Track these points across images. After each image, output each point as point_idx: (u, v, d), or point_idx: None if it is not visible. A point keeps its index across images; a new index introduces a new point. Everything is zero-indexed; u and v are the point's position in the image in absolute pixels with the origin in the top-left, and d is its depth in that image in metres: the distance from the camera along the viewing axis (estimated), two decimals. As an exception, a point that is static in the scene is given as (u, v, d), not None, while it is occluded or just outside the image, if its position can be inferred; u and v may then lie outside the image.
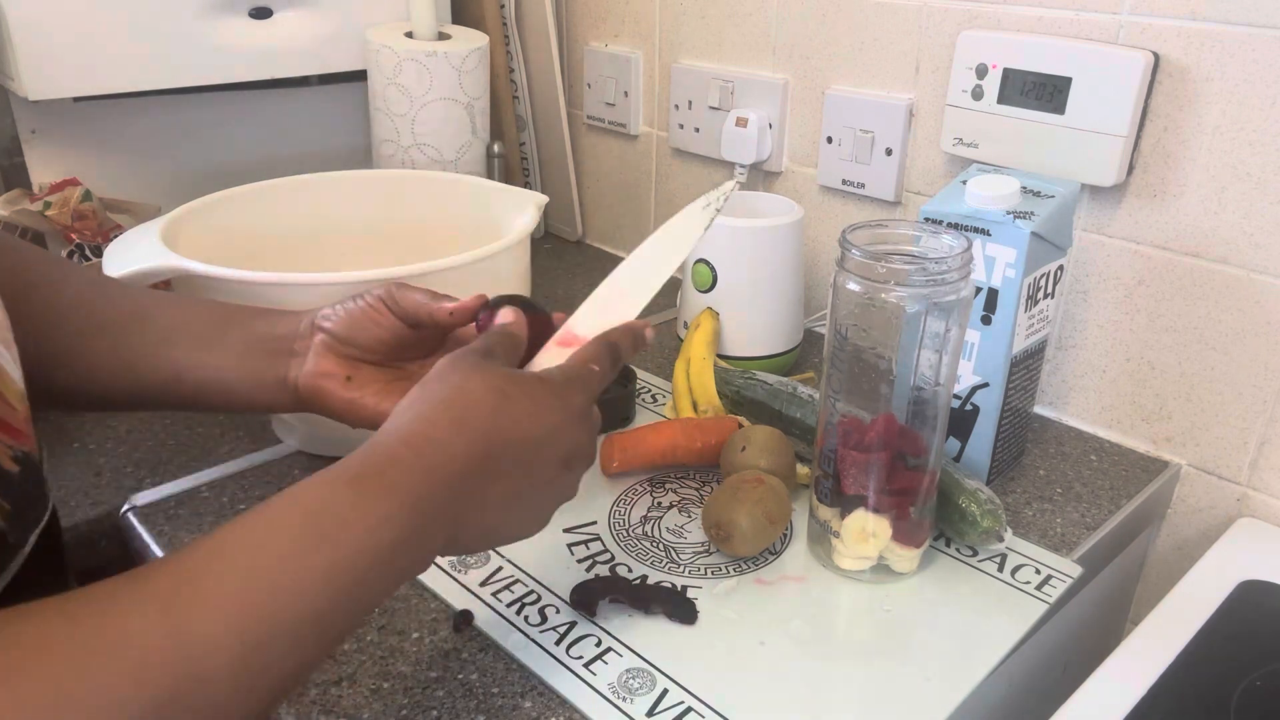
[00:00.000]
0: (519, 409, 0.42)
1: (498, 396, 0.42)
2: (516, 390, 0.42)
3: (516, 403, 0.42)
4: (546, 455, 0.43)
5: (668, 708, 0.50)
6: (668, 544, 0.63)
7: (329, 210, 0.83)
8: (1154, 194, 0.71)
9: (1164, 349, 0.73)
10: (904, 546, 0.59)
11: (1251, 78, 0.64)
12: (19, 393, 0.41)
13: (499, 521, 0.44)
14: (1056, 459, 0.75)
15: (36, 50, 0.84)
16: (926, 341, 0.54)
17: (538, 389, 0.43)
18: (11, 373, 0.41)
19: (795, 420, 0.71)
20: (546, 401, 0.43)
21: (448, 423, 0.40)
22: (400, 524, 0.38)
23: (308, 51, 0.99)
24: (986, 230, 0.62)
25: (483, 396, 0.42)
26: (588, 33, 1.12)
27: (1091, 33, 0.70)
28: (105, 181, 0.98)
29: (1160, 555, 0.78)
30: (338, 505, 0.37)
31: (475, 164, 1.04)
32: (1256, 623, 0.60)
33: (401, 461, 0.39)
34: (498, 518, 0.43)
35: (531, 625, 0.56)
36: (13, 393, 0.41)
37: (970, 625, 0.56)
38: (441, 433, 0.40)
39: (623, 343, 0.50)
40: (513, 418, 0.41)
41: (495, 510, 0.43)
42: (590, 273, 1.12)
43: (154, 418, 0.77)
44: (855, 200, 0.90)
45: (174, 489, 0.68)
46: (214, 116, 1.06)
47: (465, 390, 0.42)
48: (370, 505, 0.38)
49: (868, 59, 0.85)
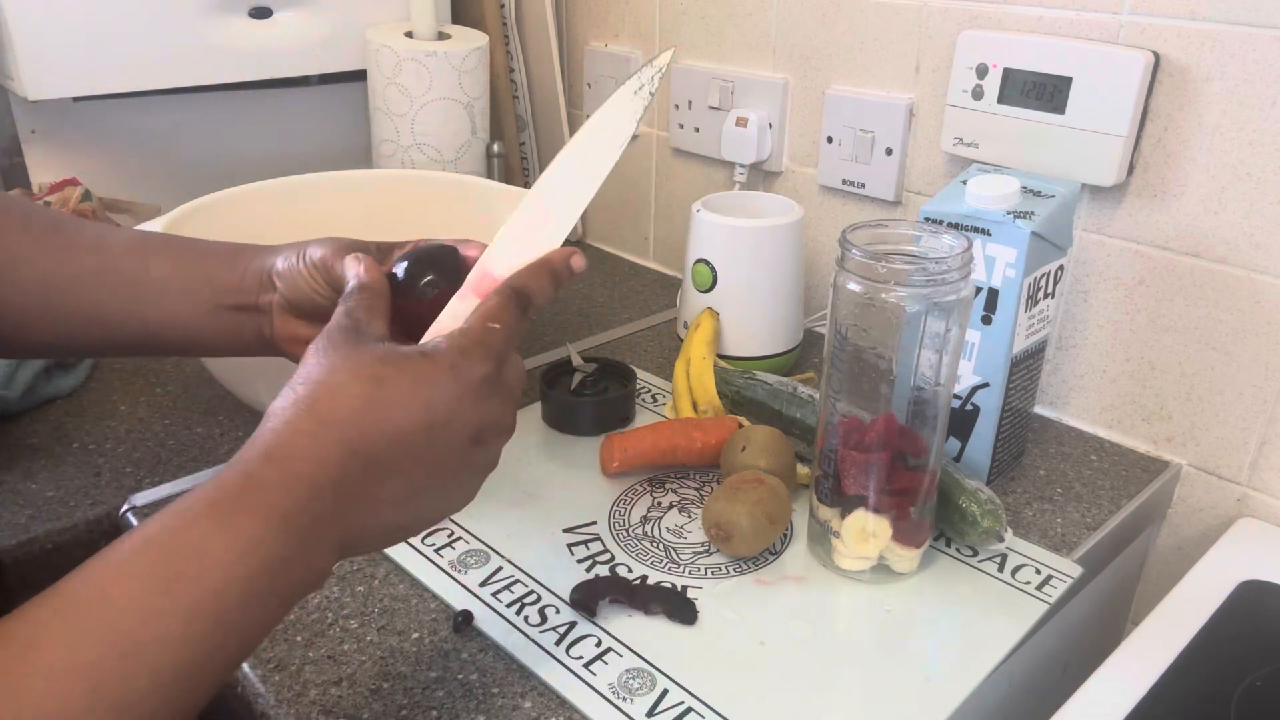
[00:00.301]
0: (397, 396, 0.37)
1: (369, 385, 0.37)
2: (393, 373, 0.37)
3: (393, 389, 0.37)
4: (445, 439, 0.38)
5: (668, 708, 0.50)
6: (668, 544, 0.63)
7: (329, 210, 0.83)
8: (1154, 194, 0.71)
9: (1164, 349, 0.73)
10: (904, 546, 0.59)
11: (1251, 78, 0.64)
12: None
13: (405, 517, 0.40)
14: (1057, 459, 0.75)
15: (36, 50, 0.84)
16: (926, 341, 0.54)
17: (421, 368, 0.38)
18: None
19: (795, 420, 0.71)
20: (433, 381, 0.38)
21: (312, 426, 0.36)
22: (271, 545, 0.34)
23: (308, 51, 1.00)
24: (987, 230, 0.62)
25: (350, 388, 0.37)
26: (588, 33, 1.12)
27: (1092, 33, 0.70)
28: (105, 181, 0.98)
29: (1160, 555, 0.78)
30: (193, 538, 0.33)
31: (475, 164, 1.04)
32: (1256, 623, 0.60)
33: (262, 479, 0.35)
34: (401, 514, 0.39)
35: (531, 625, 0.56)
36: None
37: (970, 625, 0.56)
38: (304, 440, 0.36)
39: (534, 285, 0.44)
40: (391, 408, 0.37)
41: (394, 508, 0.38)
42: (590, 273, 1.12)
43: (153, 417, 0.77)
44: (855, 200, 0.90)
45: (174, 489, 0.68)
46: (214, 116, 1.06)
47: (330, 385, 0.37)
48: (231, 532, 0.34)
49: (868, 59, 0.85)
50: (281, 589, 0.35)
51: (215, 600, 0.33)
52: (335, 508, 0.36)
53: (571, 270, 0.46)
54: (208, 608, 0.33)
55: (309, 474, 0.35)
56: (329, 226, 0.82)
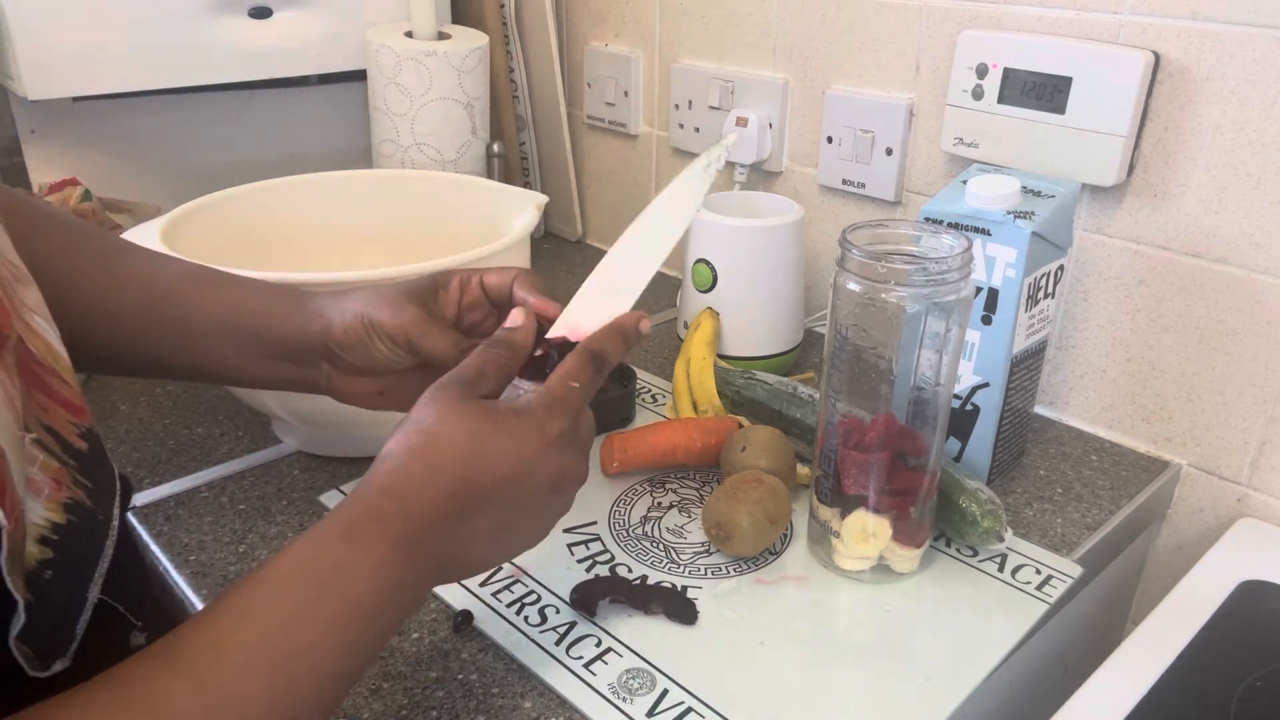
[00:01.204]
0: (493, 449, 0.42)
1: (470, 440, 0.41)
2: (489, 430, 0.42)
3: (490, 443, 0.42)
4: (531, 487, 0.43)
5: (668, 708, 0.50)
6: (668, 544, 0.63)
7: (329, 210, 0.83)
8: (1154, 194, 0.71)
9: (1164, 349, 0.73)
10: (904, 546, 0.59)
11: (1251, 78, 0.64)
12: (68, 367, 0.41)
13: (490, 552, 0.44)
14: (1057, 459, 0.75)
15: (36, 50, 0.84)
16: (926, 341, 0.54)
17: (513, 425, 0.42)
18: (60, 349, 0.41)
19: (795, 420, 0.71)
20: (522, 437, 0.42)
21: (422, 471, 0.41)
22: (393, 568, 0.39)
23: (308, 51, 0.99)
24: (987, 230, 0.62)
25: (454, 440, 0.41)
26: (588, 33, 1.12)
27: (1092, 32, 0.70)
28: (105, 181, 0.98)
29: (1160, 555, 0.78)
30: (336, 557, 0.38)
31: (475, 164, 1.04)
32: (1256, 623, 0.60)
33: (383, 512, 0.40)
34: (488, 549, 0.44)
35: (531, 625, 0.56)
36: (64, 368, 0.40)
37: (970, 625, 0.56)
38: (415, 482, 0.41)
39: (608, 346, 0.48)
40: (487, 460, 0.41)
41: (483, 544, 0.43)
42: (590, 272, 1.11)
43: (153, 417, 0.77)
44: (855, 200, 0.90)
45: (174, 489, 0.68)
46: (214, 116, 1.06)
47: (437, 435, 0.41)
48: (365, 554, 0.39)
49: (868, 59, 0.85)
50: (396, 612, 0.40)
51: (356, 613, 0.38)
52: (438, 541, 0.41)
53: (640, 332, 0.50)
54: (352, 619, 0.38)
55: (419, 512, 0.40)
56: (329, 226, 0.82)
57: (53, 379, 0.39)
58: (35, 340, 0.39)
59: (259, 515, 0.66)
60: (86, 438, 0.40)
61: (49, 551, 0.34)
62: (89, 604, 0.38)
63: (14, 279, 0.39)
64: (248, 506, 0.67)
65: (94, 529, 0.38)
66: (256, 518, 0.65)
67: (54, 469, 0.36)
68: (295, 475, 0.70)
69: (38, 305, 0.41)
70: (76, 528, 0.36)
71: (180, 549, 0.62)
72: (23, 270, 0.41)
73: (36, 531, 0.34)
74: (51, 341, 0.40)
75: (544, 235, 1.25)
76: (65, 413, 0.39)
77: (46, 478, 0.36)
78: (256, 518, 0.65)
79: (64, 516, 0.36)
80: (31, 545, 0.34)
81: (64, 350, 0.41)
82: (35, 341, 0.39)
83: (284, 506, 0.67)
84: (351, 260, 0.81)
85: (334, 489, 0.68)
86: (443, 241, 0.76)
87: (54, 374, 0.39)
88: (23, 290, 0.40)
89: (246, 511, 0.66)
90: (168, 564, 0.61)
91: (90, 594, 0.38)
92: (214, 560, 0.61)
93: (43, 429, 0.37)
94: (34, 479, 0.35)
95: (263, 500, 0.67)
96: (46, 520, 0.35)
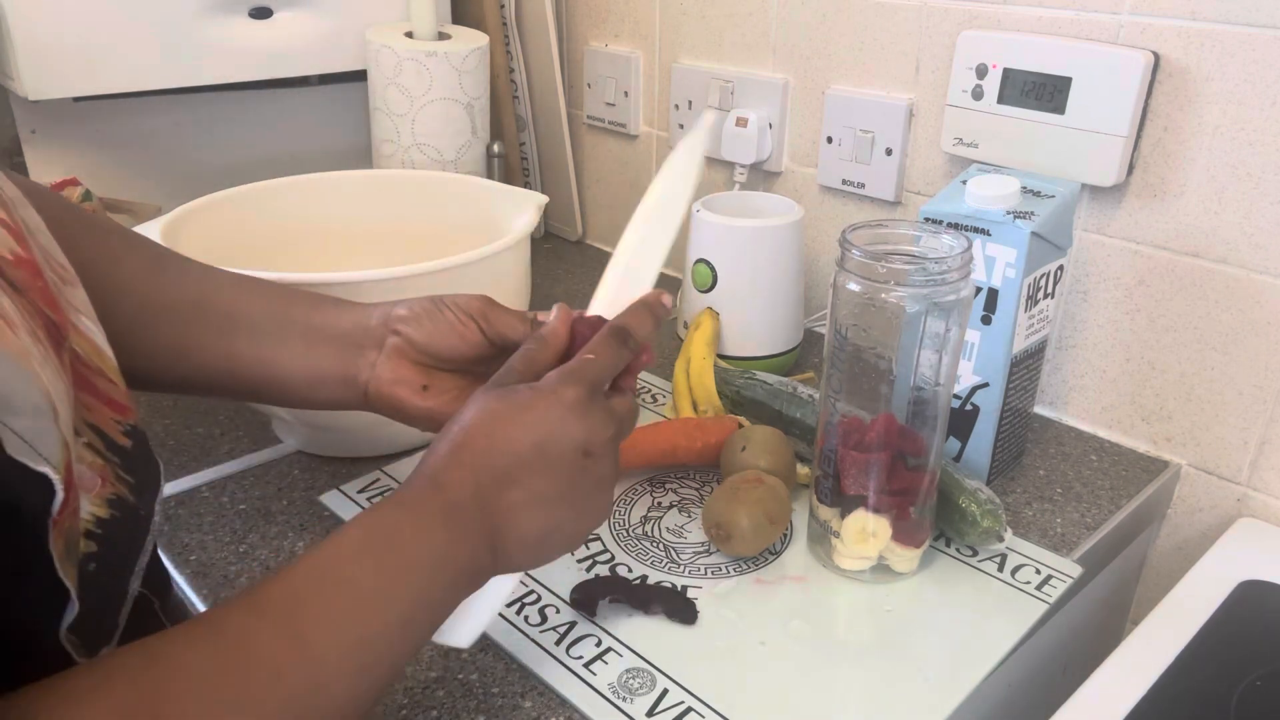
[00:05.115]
0: (509, 421, 0.44)
1: (487, 418, 0.44)
2: (506, 407, 0.44)
3: (504, 418, 0.44)
4: (555, 453, 0.44)
5: (668, 708, 0.50)
6: (668, 544, 0.63)
7: (329, 210, 0.83)
8: (1154, 194, 0.71)
9: (1164, 349, 0.73)
10: (904, 546, 0.59)
11: (1251, 78, 0.64)
12: (115, 367, 0.41)
13: (541, 524, 0.45)
14: (1056, 459, 0.75)
15: (36, 50, 0.84)
16: (926, 341, 0.54)
17: (529, 399, 0.45)
18: (106, 349, 0.41)
19: (795, 420, 0.71)
20: (533, 406, 0.44)
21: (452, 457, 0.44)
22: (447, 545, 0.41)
23: (308, 51, 1.00)
24: (986, 230, 0.62)
25: (478, 422, 0.44)
26: (588, 33, 1.12)
27: (1091, 33, 0.70)
28: (105, 181, 0.98)
29: (1160, 555, 0.78)
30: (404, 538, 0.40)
31: (475, 164, 1.04)
32: (1256, 623, 0.60)
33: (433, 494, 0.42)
34: (537, 521, 0.44)
35: (531, 625, 0.56)
36: (110, 368, 0.41)
37: (970, 625, 0.56)
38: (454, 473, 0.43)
39: (632, 321, 0.50)
40: (506, 432, 0.44)
41: (528, 515, 0.44)
42: (590, 273, 1.12)
43: (153, 417, 0.77)
44: (855, 200, 0.90)
45: (174, 489, 0.68)
46: (214, 116, 1.06)
47: (464, 422, 0.44)
48: (425, 532, 0.41)
49: (868, 59, 0.85)
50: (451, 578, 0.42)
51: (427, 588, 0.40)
52: (480, 516, 0.43)
53: (663, 305, 0.52)
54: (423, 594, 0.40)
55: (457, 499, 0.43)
56: (329, 226, 0.82)
57: (99, 379, 0.39)
58: (81, 341, 0.39)
59: (259, 515, 0.66)
60: (131, 435, 0.40)
61: (93, 545, 0.35)
62: (130, 596, 0.38)
63: (62, 281, 0.40)
64: (248, 506, 0.67)
65: (136, 523, 0.39)
66: (257, 518, 0.65)
67: (99, 466, 0.37)
68: (295, 475, 0.70)
69: (84, 306, 0.41)
70: (119, 522, 0.37)
71: (180, 549, 0.62)
72: (70, 272, 0.41)
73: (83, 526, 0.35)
74: (98, 342, 0.41)
75: (544, 235, 1.25)
76: (110, 411, 0.39)
77: (93, 474, 0.36)
78: (257, 518, 0.65)
79: (108, 511, 0.36)
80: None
81: (110, 350, 0.41)
82: (81, 342, 0.39)
83: (284, 506, 0.67)
84: (352, 260, 0.81)
85: (334, 489, 0.68)
86: (443, 241, 0.76)
87: (100, 374, 0.40)
88: (70, 291, 0.40)
89: (247, 511, 0.66)
90: (168, 564, 0.61)
91: (131, 586, 0.39)
92: (214, 560, 0.61)
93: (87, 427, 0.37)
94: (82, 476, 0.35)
95: (263, 500, 0.67)
96: (91, 515, 0.35)
